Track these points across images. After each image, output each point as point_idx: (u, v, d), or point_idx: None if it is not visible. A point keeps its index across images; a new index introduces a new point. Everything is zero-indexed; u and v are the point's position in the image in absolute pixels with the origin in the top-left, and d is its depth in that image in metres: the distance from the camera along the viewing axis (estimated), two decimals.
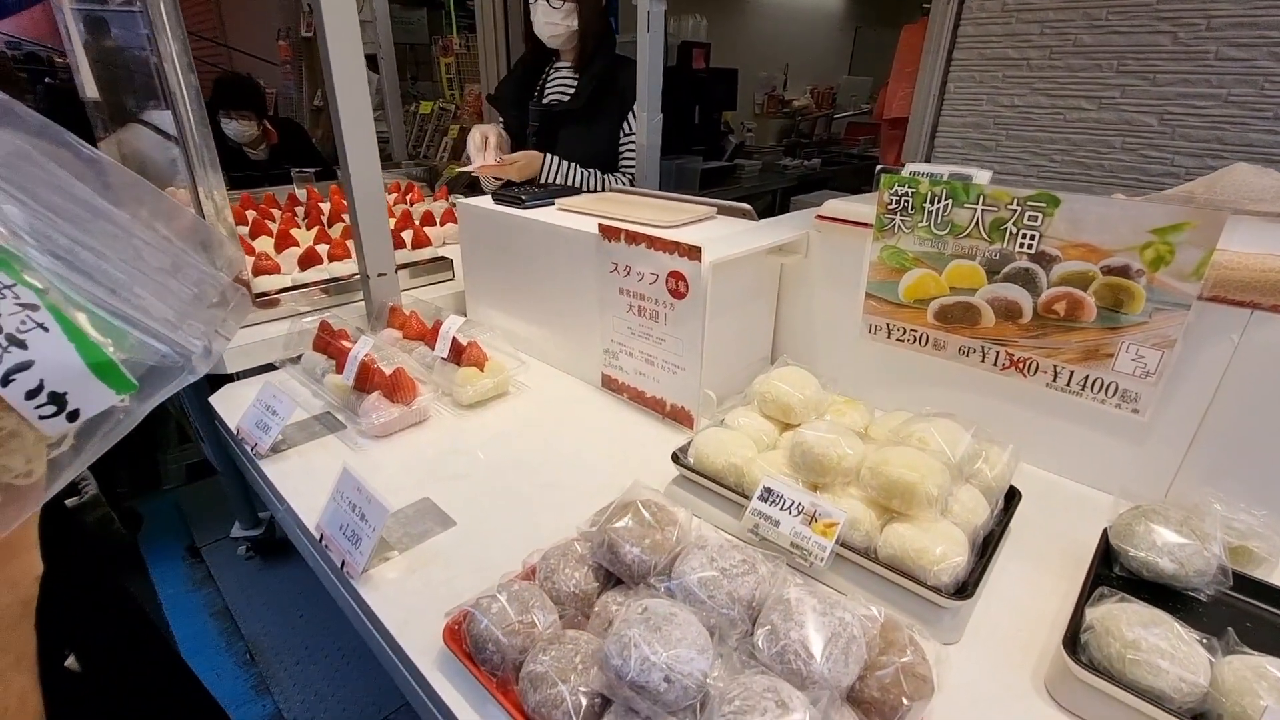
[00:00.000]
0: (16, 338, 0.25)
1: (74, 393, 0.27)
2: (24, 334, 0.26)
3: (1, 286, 0.26)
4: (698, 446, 0.85)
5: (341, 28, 1.04)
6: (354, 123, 1.10)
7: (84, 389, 0.27)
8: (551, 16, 1.63)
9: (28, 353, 0.26)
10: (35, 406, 0.26)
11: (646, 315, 1.01)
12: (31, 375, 0.26)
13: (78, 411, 0.27)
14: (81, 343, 0.27)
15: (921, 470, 0.70)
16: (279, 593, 2.37)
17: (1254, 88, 1.77)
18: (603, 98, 1.70)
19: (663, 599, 0.57)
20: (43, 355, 0.26)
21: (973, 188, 0.87)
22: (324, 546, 0.76)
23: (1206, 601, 0.69)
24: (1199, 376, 0.81)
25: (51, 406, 0.26)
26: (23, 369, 0.25)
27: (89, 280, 0.29)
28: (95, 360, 0.27)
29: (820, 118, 5.40)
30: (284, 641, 2.22)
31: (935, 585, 0.66)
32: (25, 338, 0.26)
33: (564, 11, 1.62)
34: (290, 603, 2.35)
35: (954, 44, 2.19)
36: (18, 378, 0.25)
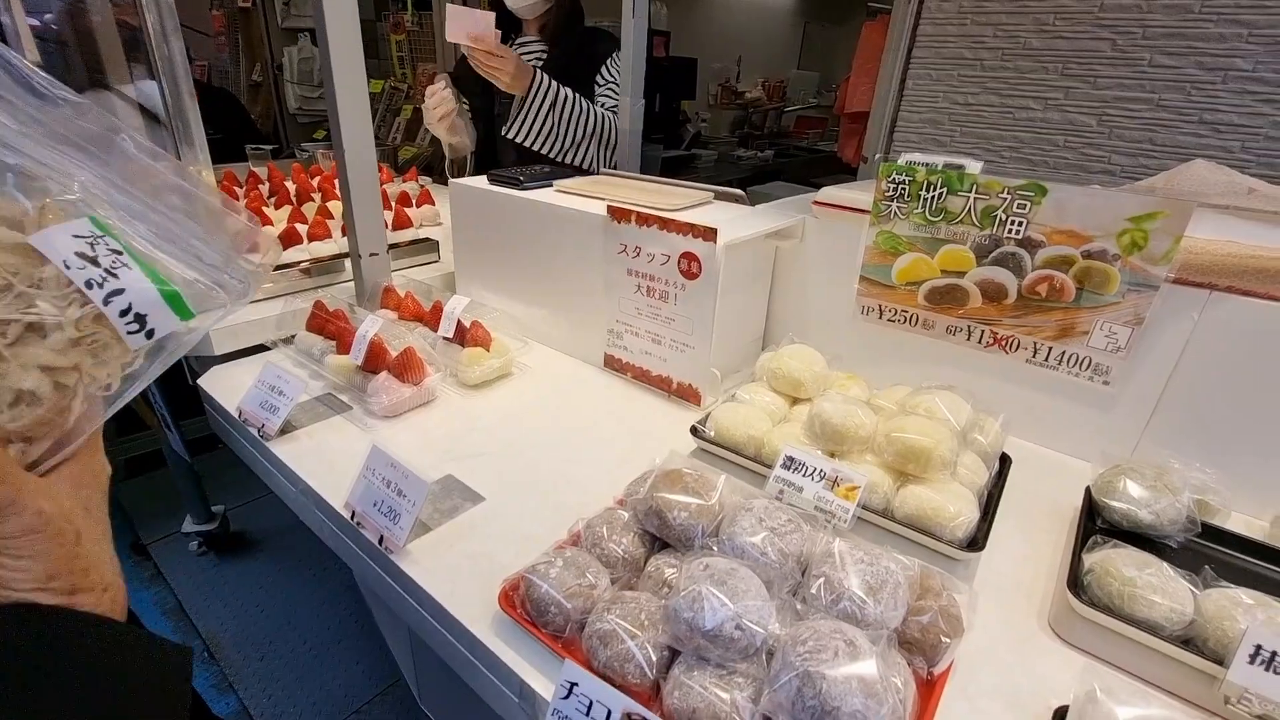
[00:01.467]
0: (111, 271, 0.33)
1: (152, 315, 0.34)
2: (115, 269, 0.33)
3: (95, 237, 0.33)
4: (716, 420, 0.89)
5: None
6: (350, 100, 1.08)
7: (159, 313, 0.34)
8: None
9: (119, 281, 0.33)
10: (125, 324, 0.33)
11: (656, 295, 1.04)
12: (124, 299, 0.33)
13: (153, 331, 0.34)
14: (155, 277, 0.35)
15: (934, 436, 0.75)
16: (236, 588, 2.29)
17: (1182, 93, 1.94)
18: (576, 69, 1.67)
19: (719, 556, 0.60)
20: (130, 284, 0.33)
21: (967, 176, 0.93)
22: (356, 525, 0.75)
23: (1177, 548, 0.78)
24: (1162, 351, 0.90)
25: (136, 325, 0.34)
26: (118, 294, 0.33)
27: (155, 234, 0.37)
28: (166, 290, 0.35)
29: (771, 110, 5.52)
30: (244, 637, 2.15)
31: (951, 539, 0.71)
32: (117, 271, 0.33)
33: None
34: (249, 597, 2.28)
35: (913, 43, 2.29)
36: (114, 300, 0.33)
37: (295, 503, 0.89)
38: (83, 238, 0.33)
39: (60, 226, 0.33)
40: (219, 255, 0.39)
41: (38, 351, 0.31)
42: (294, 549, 2.42)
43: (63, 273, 0.32)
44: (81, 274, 0.32)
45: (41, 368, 0.32)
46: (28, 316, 0.31)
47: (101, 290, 0.32)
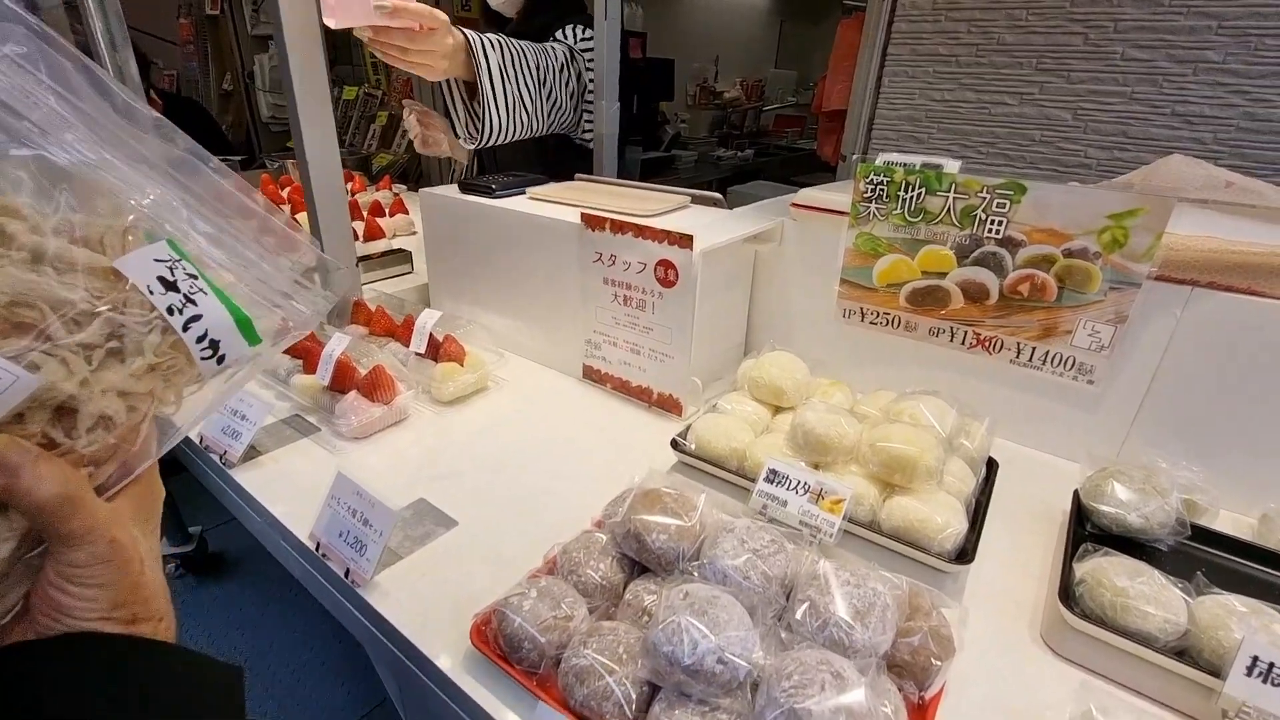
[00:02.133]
0: (190, 297, 0.33)
1: (225, 341, 0.34)
2: (193, 295, 0.33)
3: (174, 260, 0.33)
4: (697, 432, 0.86)
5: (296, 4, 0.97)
6: (311, 107, 1.04)
7: (231, 339, 0.35)
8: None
9: (197, 309, 0.33)
10: (200, 349, 0.33)
11: (633, 305, 1.01)
12: (201, 325, 0.33)
13: (224, 356, 0.35)
14: (229, 304, 0.34)
15: (920, 445, 0.73)
16: (216, 611, 2.23)
17: (1154, 86, 1.95)
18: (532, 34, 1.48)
19: (700, 583, 0.58)
20: (207, 310, 0.33)
21: (945, 176, 0.92)
22: (321, 556, 0.72)
23: (1167, 551, 0.76)
24: (1146, 349, 0.89)
25: (210, 350, 0.34)
26: (196, 320, 0.33)
27: (229, 259, 0.36)
28: (239, 317, 0.35)
29: (750, 110, 5.52)
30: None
31: (939, 552, 0.69)
32: (194, 297, 0.33)
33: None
34: (229, 620, 2.22)
35: (889, 40, 2.29)
36: (192, 326, 0.33)
37: (261, 533, 0.85)
38: (163, 262, 0.33)
39: (142, 250, 0.32)
40: (286, 281, 0.39)
41: (117, 376, 0.31)
42: (274, 569, 2.36)
43: (146, 298, 0.32)
44: (164, 299, 0.32)
45: (120, 392, 0.32)
46: (113, 343, 0.31)
47: (181, 316, 0.33)
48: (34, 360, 0.28)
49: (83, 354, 0.30)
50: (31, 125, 0.31)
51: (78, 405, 0.30)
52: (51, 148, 0.32)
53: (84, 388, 0.30)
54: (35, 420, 0.29)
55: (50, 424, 0.30)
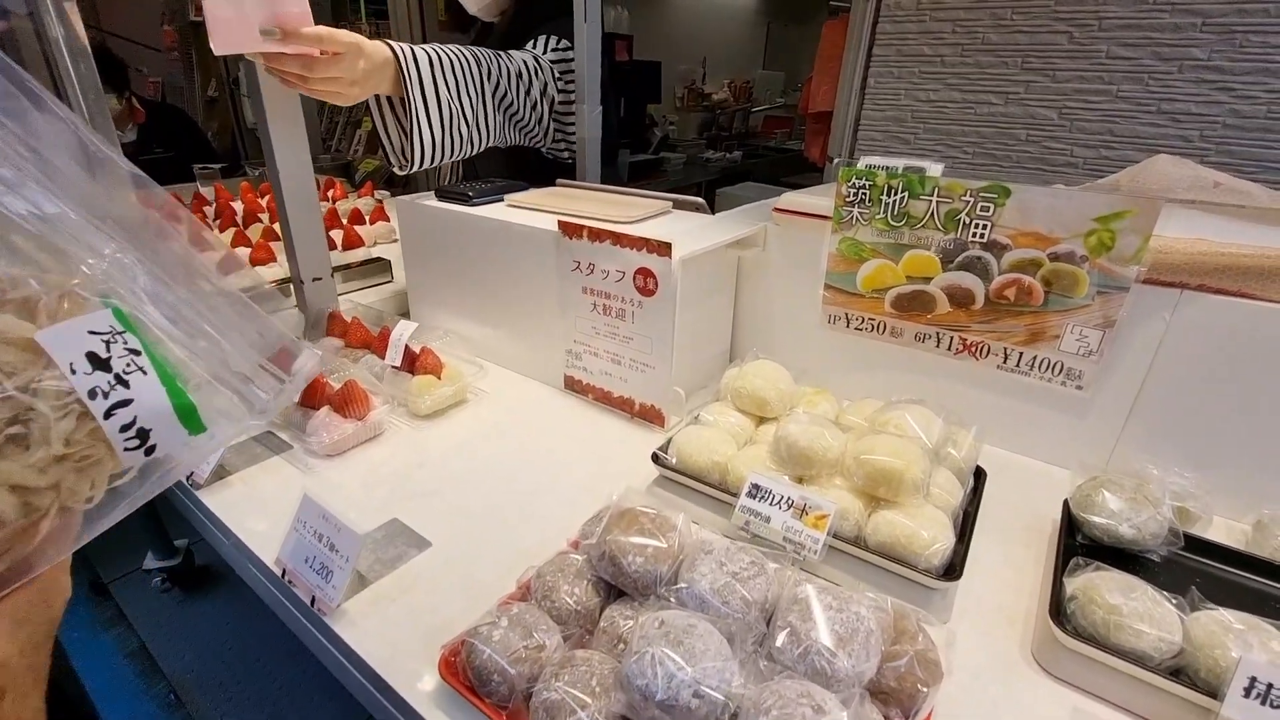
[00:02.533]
0: (122, 377, 0.29)
1: (157, 430, 0.30)
2: (128, 375, 0.29)
3: (115, 333, 0.29)
4: (678, 445, 0.84)
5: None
6: (280, 111, 1.01)
7: (166, 428, 0.30)
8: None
9: (129, 392, 0.29)
10: (124, 440, 0.29)
11: (613, 314, 0.99)
12: (129, 412, 0.29)
13: (155, 447, 0.30)
14: (172, 387, 0.30)
15: (905, 457, 0.71)
16: (203, 626, 2.19)
17: (1139, 84, 1.94)
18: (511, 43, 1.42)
19: (676, 609, 0.55)
20: (140, 394, 0.29)
21: (928, 180, 0.90)
22: (287, 583, 0.69)
23: (1159, 562, 0.74)
24: (1135, 353, 0.87)
25: (136, 440, 0.29)
26: (123, 406, 0.29)
27: (184, 332, 0.32)
28: (180, 402, 0.30)
29: (738, 111, 5.51)
30: (213, 678, 2.05)
31: (926, 569, 0.67)
32: (128, 378, 0.29)
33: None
34: (217, 636, 2.18)
35: (873, 40, 2.28)
36: (117, 413, 0.29)
37: (230, 556, 0.82)
38: (99, 334, 0.29)
39: (76, 321, 0.28)
40: (248, 364, 0.34)
41: (12, 467, 0.27)
42: None
43: (66, 378, 0.27)
44: (87, 380, 0.28)
45: (12, 486, 0.27)
46: (15, 428, 0.27)
47: (105, 401, 0.28)
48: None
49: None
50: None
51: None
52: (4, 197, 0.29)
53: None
54: None
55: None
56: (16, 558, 0.28)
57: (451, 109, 1.11)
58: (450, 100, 1.10)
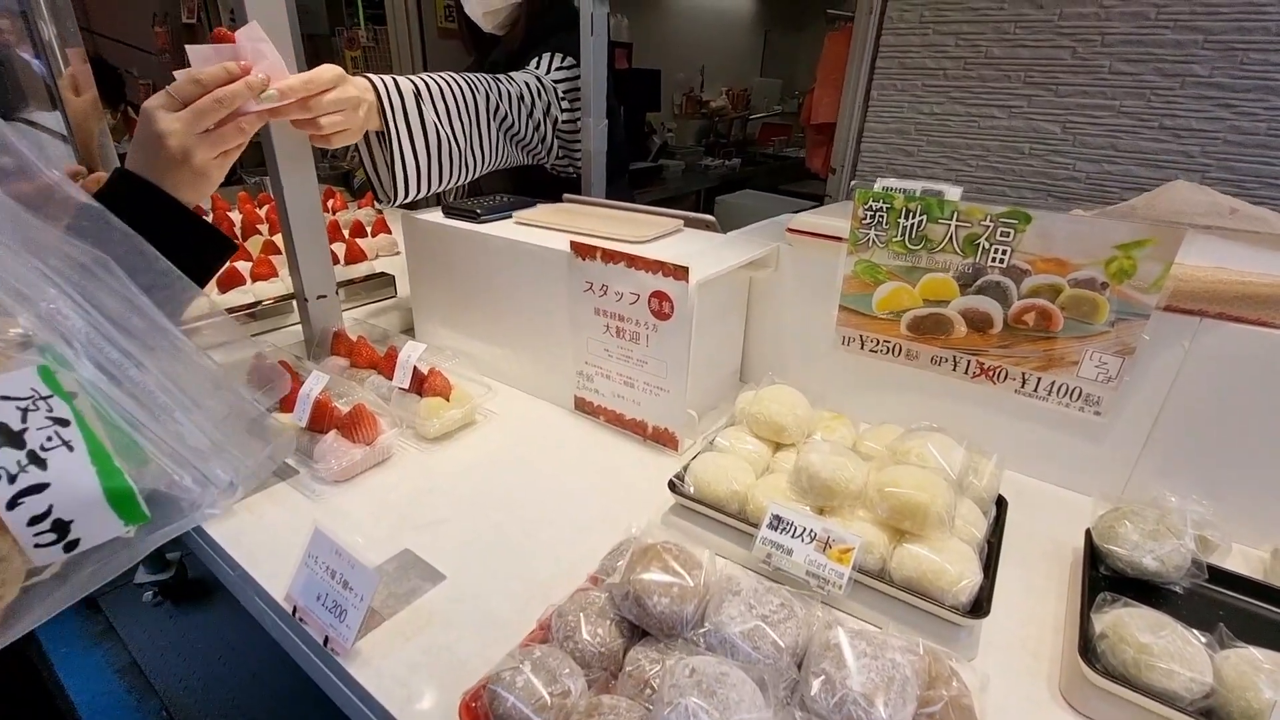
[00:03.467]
0: (38, 455, 0.23)
1: (80, 521, 0.25)
2: (47, 452, 0.23)
3: (38, 398, 0.24)
4: (695, 473, 0.83)
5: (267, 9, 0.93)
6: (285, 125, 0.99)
7: (92, 517, 0.25)
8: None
9: (46, 474, 0.24)
10: (35, 533, 0.24)
11: (626, 336, 0.97)
12: (42, 499, 0.24)
13: (77, 541, 0.25)
14: (104, 465, 0.25)
15: (930, 490, 0.70)
16: (196, 641, 2.16)
17: (1142, 99, 1.95)
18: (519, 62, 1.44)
19: (706, 655, 0.54)
20: (60, 477, 0.24)
21: (947, 204, 0.89)
22: (298, 621, 0.67)
23: (1183, 594, 0.74)
24: (1153, 380, 0.86)
25: (51, 534, 0.24)
26: (34, 491, 0.23)
27: (130, 398, 0.26)
28: (114, 486, 0.25)
29: (736, 119, 5.52)
30: (207, 695, 2.02)
31: (954, 605, 0.66)
32: (47, 456, 0.24)
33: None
34: (210, 651, 2.15)
35: (876, 53, 2.28)
36: (26, 501, 0.23)
37: (235, 587, 0.80)
38: (16, 400, 0.23)
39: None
40: (207, 439, 0.29)
41: None
42: None
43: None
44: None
45: None
46: None
47: (12, 486, 0.23)
48: None
49: None
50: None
51: None
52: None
53: None
54: None
55: None
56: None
57: (440, 135, 1.08)
58: (437, 126, 1.08)
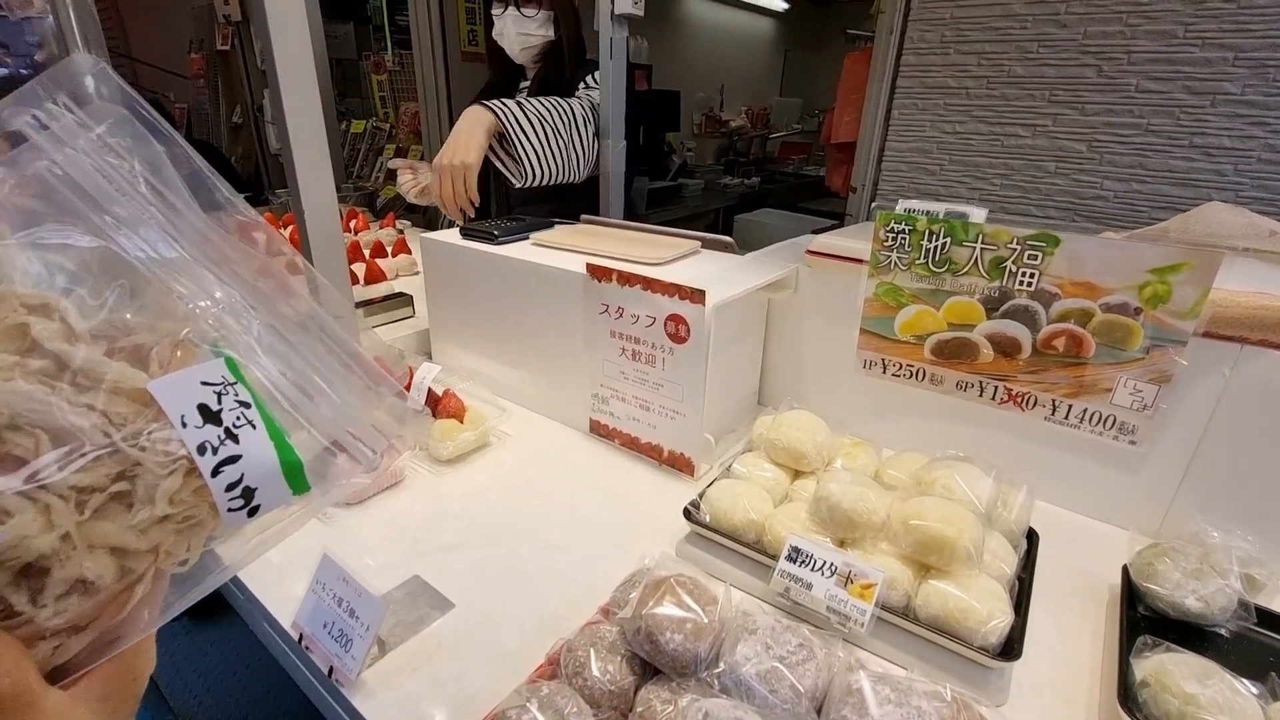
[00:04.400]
0: (232, 431, 0.26)
1: (262, 489, 0.28)
2: (238, 429, 0.27)
3: (226, 384, 0.27)
4: (711, 501, 0.81)
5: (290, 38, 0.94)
6: (307, 146, 1.00)
7: (271, 486, 0.28)
8: (525, 26, 1.50)
9: (238, 447, 0.27)
10: (229, 499, 0.27)
11: (642, 359, 0.96)
12: (236, 469, 0.26)
13: (258, 508, 0.28)
14: (279, 441, 0.28)
15: (958, 524, 0.67)
16: (211, 655, 2.16)
17: (1171, 118, 1.91)
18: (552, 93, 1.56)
19: (721, 699, 0.52)
20: (249, 450, 0.27)
21: (971, 226, 0.87)
22: (304, 649, 0.66)
23: (1229, 638, 0.70)
24: (1192, 408, 0.83)
25: (240, 500, 0.27)
26: (231, 462, 0.26)
27: (294, 385, 0.30)
28: (287, 459, 0.28)
29: (756, 137, 5.53)
30: (222, 711, 2.01)
31: (983, 646, 0.63)
32: (238, 433, 0.27)
33: (539, 20, 1.49)
34: (226, 666, 2.14)
35: (897, 73, 2.27)
36: (225, 470, 0.26)
37: (244, 611, 0.79)
38: (212, 385, 0.27)
39: (189, 370, 0.26)
40: (358, 417, 0.32)
41: (112, 529, 0.24)
42: None
43: (176, 431, 0.25)
44: (197, 435, 0.25)
45: (112, 549, 0.24)
46: (120, 484, 0.24)
47: (214, 457, 0.26)
48: (5, 506, 0.22)
49: (74, 499, 0.23)
50: (109, 218, 0.27)
51: (50, 565, 0.23)
52: (122, 239, 0.27)
53: (64, 544, 0.23)
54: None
55: (11, 586, 0.23)
56: (106, 626, 0.26)
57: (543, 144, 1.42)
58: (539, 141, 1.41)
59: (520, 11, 1.48)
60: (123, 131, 0.28)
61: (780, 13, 5.74)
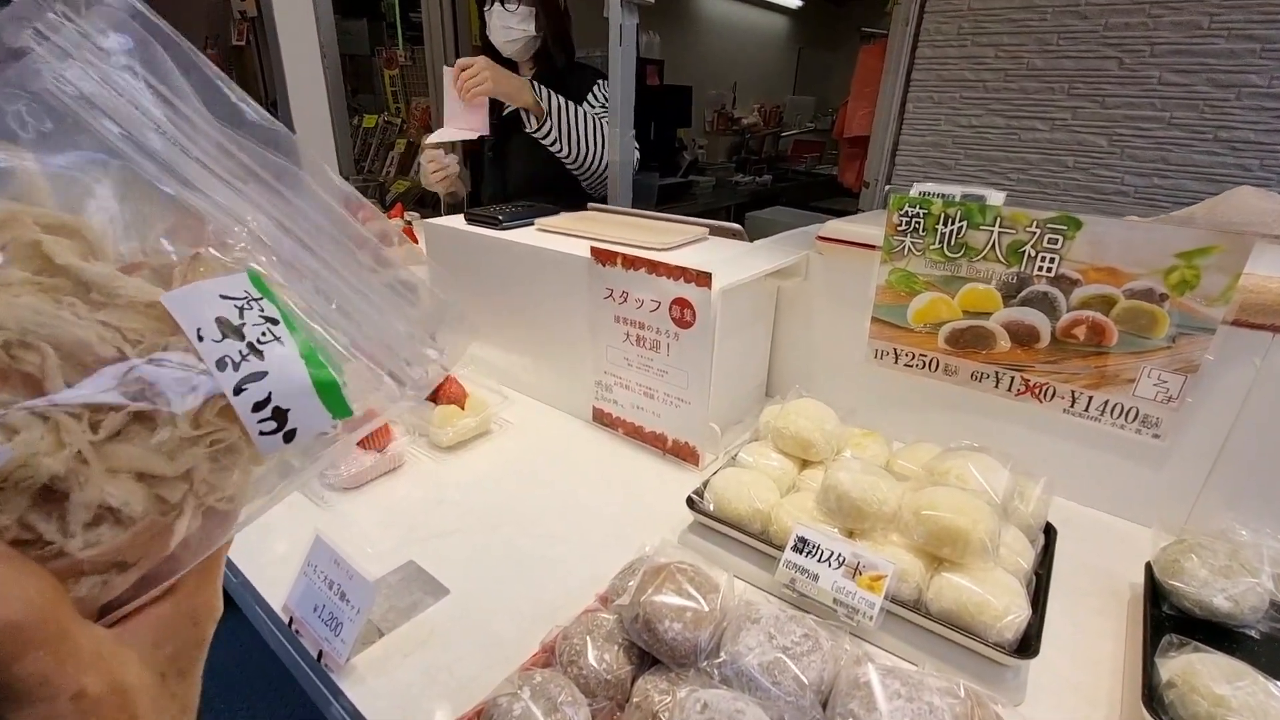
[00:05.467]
0: (256, 346, 0.25)
1: (295, 410, 0.25)
2: (263, 345, 0.25)
3: (250, 299, 0.25)
4: (716, 490, 0.78)
5: (296, 35, 0.93)
6: (309, 139, 0.99)
7: (305, 407, 0.25)
8: (506, 20, 1.54)
9: (263, 363, 0.25)
10: (259, 420, 0.24)
11: (646, 345, 0.94)
12: (262, 386, 0.24)
13: (294, 432, 0.25)
14: (311, 358, 0.26)
15: (972, 514, 0.64)
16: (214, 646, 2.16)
17: (1194, 111, 1.86)
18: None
19: (720, 690, 0.49)
20: (275, 366, 0.25)
21: (989, 209, 0.84)
22: (294, 633, 0.64)
23: (1259, 639, 0.66)
24: (1220, 400, 0.79)
25: (273, 423, 0.25)
26: (255, 379, 0.24)
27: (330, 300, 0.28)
28: (321, 377, 0.26)
29: (768, 135, 5.49)
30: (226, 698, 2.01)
31: (998, 642, 0.60)
32: (264, 348, 0.25)
33: (520, 15, 1.53)
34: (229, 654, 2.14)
35: (912, 65, 2.23)
36: (249, 388, 0.24)
37: (238, 595, 0.78)
38: (233, 299, 0.25)
39: (207, 282, 0.25)
40: (399, 337, 0.30)
41: (134, 452, 0.23)
42: None
43: (192, 345, 0.24)
44: (216, 349, 0.24)
45: (137, 474, 0.23)
46: (142, 403, 0.23)
47: (236, 373, 0.24)
48: (10, 422, 0.20)
49: (88, 418, 0.22)
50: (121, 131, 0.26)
51: (69, 488, 0.22)
52: (140, 159, 0.26)
53: (80, 464, 0.22)
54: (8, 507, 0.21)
55: (36, 511, 0.21)
56: (152, 563, 0.24)
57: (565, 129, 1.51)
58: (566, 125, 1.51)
59: (503, 7, 1.52)
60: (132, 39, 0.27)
61: (794, 10, 5.71)
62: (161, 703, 0.24)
